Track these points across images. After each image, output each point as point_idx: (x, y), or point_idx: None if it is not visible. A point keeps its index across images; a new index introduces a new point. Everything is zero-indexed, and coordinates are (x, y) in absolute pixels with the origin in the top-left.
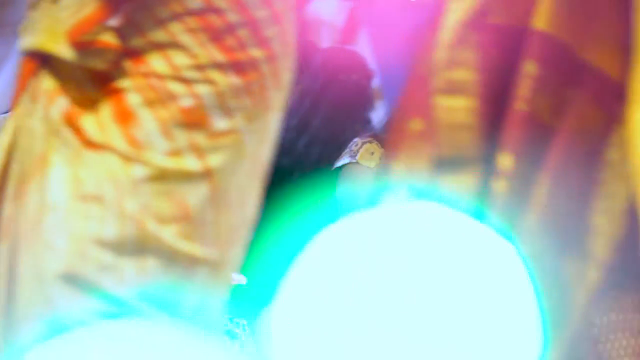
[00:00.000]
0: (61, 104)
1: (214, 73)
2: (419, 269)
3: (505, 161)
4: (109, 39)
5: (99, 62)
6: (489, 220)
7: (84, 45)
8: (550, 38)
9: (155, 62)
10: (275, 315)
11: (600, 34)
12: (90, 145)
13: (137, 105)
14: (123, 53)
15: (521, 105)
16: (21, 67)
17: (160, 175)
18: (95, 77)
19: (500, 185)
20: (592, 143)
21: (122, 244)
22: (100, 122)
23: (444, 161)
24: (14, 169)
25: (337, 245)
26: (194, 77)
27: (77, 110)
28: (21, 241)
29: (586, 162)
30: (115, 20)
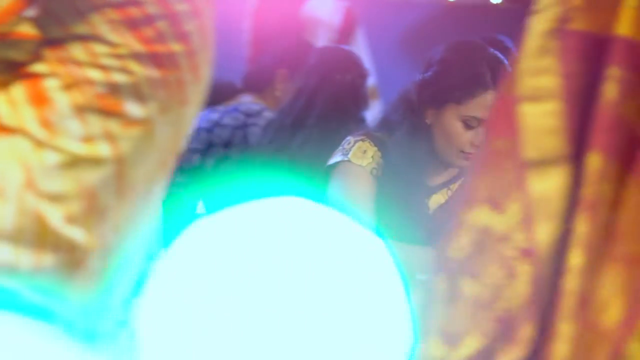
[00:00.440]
0: None
1: (132, 64)
2: (285, 265)
3: (594, 161)
4: (27, 30)
5: (18, 53)
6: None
7: (1, 37)
8: (634, 44)
9: (75, 50)
10: (141, 312)
11: None
12: (1, 129)
13: (54, 88)
14: (42, 42)
15: (609, 108)
16: None
17: (72, 162)
18: (10, 64)
19: (589, 187)
20: None
21: (20, 236)
22: (13, 103)
23: (531, 163)
24: None
25: (203, 241)
26: (112, 65)
27: None
28: None
29: None
30: (32, 11)
